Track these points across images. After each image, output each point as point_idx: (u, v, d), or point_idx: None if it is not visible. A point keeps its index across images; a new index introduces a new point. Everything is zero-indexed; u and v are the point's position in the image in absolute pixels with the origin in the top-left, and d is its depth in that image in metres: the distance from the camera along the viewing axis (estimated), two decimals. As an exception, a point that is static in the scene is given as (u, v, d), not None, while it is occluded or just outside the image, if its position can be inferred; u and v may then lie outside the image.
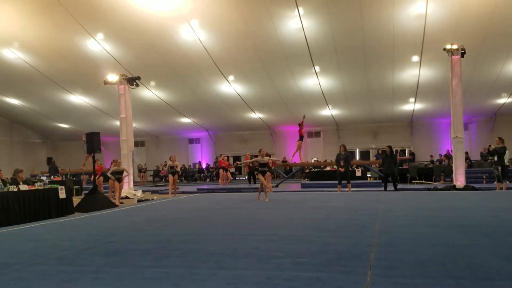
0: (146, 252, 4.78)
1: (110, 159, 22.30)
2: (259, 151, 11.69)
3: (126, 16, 15.08)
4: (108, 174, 13.35)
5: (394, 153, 15.78)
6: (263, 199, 10.98)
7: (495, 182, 12.98)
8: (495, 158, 12.71)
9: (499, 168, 12.58)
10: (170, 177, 14.81)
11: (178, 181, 22.52)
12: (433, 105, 22.33)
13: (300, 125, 16.85)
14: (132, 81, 16.30)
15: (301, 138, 17.00)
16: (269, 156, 16.23)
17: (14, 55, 18.02)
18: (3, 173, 11.14)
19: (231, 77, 19.61)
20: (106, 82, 16.34)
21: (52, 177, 18.58)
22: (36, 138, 30.50)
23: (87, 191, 13.17)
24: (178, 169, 15.16)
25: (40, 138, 30.78)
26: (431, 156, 22.81)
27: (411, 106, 22.68)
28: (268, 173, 14.91)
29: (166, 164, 15.11)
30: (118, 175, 13.31)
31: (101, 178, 16.25)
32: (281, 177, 23.39)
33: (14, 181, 9.44)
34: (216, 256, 4.45)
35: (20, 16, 15.47)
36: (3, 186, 8.98)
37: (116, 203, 12.30)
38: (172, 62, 18.37)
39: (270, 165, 15.14)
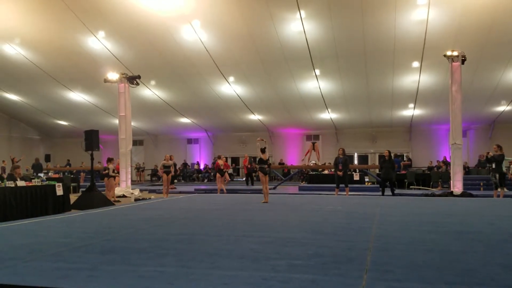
0: (141, 251, 4.78)
1: (108, 157, 22.29)
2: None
3: (127, 14, 15.08)
4: (111, 173, 13.32)
5: (393, 157, 15.76)
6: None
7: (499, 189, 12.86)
8: (493, 166, 12.73)
9: (497, 175, 12.60)
10: (164, 176, 14.72)
11: (175, 181, 22.60)
12: (432, 111, 22.36)
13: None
14: (132, 80, 16.31)
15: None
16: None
17: (14, 51, 17.99)
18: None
19: (231, 78, 19.60)
20: (106, 80, 16.34)
21: (37, 174, 18.39)
22: (35, 134, 30.44)
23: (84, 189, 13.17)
24: (171, 168, 15.05)
25: (39, 135, 30.72)
26: (430, 162, 22.84)
27: (411, 111, 22.70)
28: (218, 175, 16.06)
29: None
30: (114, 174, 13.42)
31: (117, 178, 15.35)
32: (279, 179, 23.43)
33: (12, 177, 9.43)
34: (212, 256, 4.46)
35: (22, 12, 15.46)
36: (0, 182, 8.97)
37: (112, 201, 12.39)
38: (172, 61, 18.36)
39: (221, 167, 15.99)
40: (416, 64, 17.18)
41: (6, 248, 5.16)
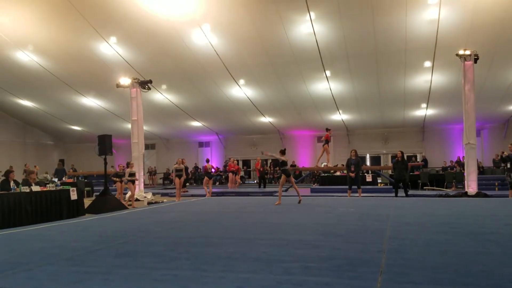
0: (155, 254, 4.81)
1: (120, 161, 22.48)
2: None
3: (138, 20, 15.20)
4: (126, 177, 13.42)
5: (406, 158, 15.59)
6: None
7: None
8: (508, 165, 12.54)
9: (512, 175, 12.41)
10: (177, 180, 14.82)
11: (188, 184, 22.68)
12: (445, 110, 22.11)
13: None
14: (144, 84, 16.46)
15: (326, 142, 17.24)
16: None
17: (28, 57, 18.25)
18: (16, 174, 11.27)
19: (241, 81, 19.63)
20: (118, 85, 16.50)
21: (57, 179, 18.54)
22: (49, 140, 30.81)
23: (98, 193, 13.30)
24: (183, 172, 15.20)
25: (53, 140, 31.09)
26: (444, 162, 22.57)
27: (423, 111, 22.48)
28: (206, 178, 16.16)
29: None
30: (133, 177, 13.58)
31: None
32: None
33: (26, 182, 9.55)
34: (225, 259, 4.46)
35: (34, 19, 15.68)
36: (15, 187, 9.09)
37: (132, 205, 12.55)
38: (183, 66, 18.46)
39: (209, 170, 16.22)
40: (428, 63, 17.02)
41: (22, 252, 5.23)
